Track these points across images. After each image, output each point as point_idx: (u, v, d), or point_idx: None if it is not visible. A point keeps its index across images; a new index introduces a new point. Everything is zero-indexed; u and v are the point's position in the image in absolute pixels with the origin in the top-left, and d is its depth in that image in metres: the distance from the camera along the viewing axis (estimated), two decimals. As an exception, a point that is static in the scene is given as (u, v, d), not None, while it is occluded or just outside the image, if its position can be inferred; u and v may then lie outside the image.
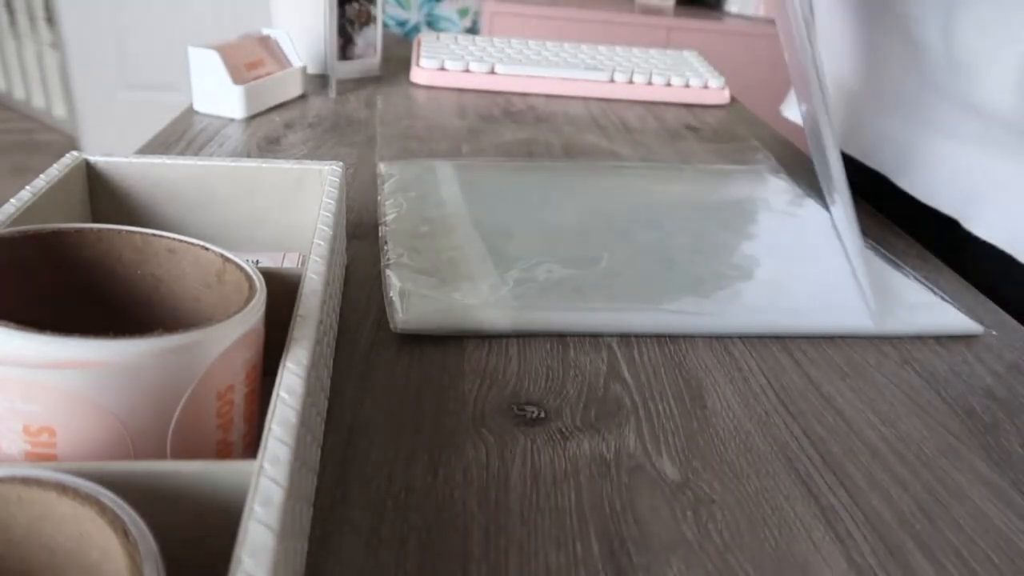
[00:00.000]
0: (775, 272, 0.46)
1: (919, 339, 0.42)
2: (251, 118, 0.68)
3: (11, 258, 0.25)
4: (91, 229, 0.27)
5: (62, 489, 0.18)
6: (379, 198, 0.52)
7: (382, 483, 0.29)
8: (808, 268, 0.47)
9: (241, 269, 0.26)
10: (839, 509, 0.30)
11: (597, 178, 0.59)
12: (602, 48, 0.94)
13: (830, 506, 0.30)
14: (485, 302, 0.40)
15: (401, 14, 1.99)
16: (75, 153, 0.38)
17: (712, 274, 0.45)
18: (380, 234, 0.47)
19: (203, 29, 2.19)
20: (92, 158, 0.38)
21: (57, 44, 2.22)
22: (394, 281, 0.41)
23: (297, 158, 0.59)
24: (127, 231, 0.27)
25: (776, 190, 0.60)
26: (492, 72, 0.85)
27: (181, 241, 0.27)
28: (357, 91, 0.80)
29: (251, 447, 0.26)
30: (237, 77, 0.67)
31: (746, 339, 0.41)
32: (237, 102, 0.67)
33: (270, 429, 0.22)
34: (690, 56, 0.95)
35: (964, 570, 0.28)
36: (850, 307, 0.43)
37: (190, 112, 0.69)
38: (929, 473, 0.32)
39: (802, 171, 0.67)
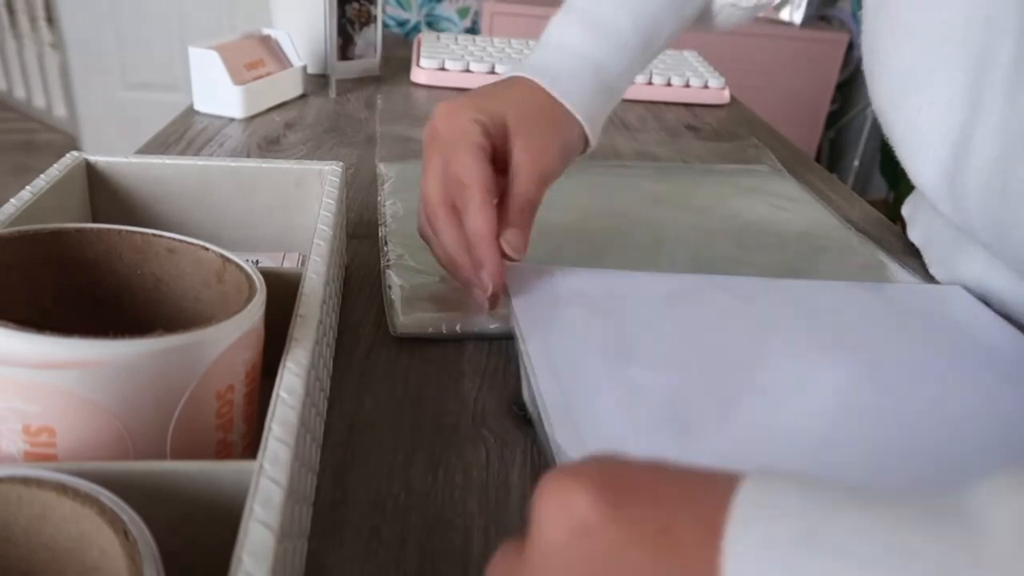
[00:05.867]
0: (777, 271, 0.46)
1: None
2: (251, 118, 0.68)
3: (11, 258, 0.25)
4: (91, 229, 0.27)
5: (62, 489, 0.18)
6: (379, 198, 0.52)
7: (382, 483, 0.29)
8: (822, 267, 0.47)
9: (241, 269, 0.26)
10: (839, 509, 0.30)
11: (597, 178, 0.59)
12: (602, 48, 0.94)
13: (830, 506, 0.30)
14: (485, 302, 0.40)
15: (401, 14, 1.99)
16: (75, 153, 0.38)
17: (712, 273, 0.45)
18: (380, 234, 0.47)
19: (203, 29, 2.19)
20: (92, 158, 0.38)
21: (57, 44, 2.22)
22: (394, 281, 0.41)
23: (297, 158, 0.59)
24: (127, 231, 0.27)
25: (777, 189, 0.60)
26: (492, 72, 0.85)
27: (181, 241, 0.27)
28: (357, 91, 0.80)
29: (251, 447, 0.26)
30: (237, 77, 0.67)
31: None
32: (237, 102, 0.67)
33: (270, 429, 0.22)
34: (690, 56, 0.95)
35: (964, 570, 0.27)
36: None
37: (190, 112, 0.69)
38: (929, 473, 0.32)
39: (802, 170, 0.67)
